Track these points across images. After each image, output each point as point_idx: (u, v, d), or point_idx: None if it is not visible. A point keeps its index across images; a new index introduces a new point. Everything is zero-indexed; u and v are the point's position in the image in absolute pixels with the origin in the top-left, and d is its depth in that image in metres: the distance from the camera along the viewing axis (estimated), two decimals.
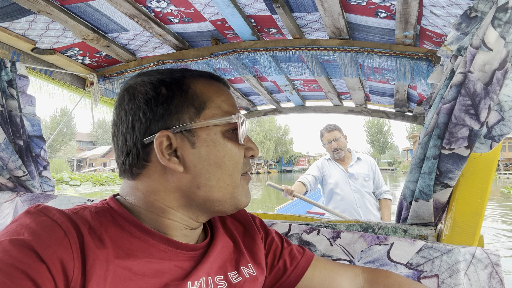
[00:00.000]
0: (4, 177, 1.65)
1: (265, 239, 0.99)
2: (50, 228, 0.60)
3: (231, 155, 0.77)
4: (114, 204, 0.75)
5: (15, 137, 1.67)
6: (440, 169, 1.08)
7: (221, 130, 0.77)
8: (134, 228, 0.72)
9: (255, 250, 0.93)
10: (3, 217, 1.55)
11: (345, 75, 1.97)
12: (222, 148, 0.76)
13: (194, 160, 0.74)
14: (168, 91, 0.76)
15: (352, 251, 1.13)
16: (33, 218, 0.61)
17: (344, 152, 3.54)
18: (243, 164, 0.80)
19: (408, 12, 1.43)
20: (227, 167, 0.76)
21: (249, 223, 0.98)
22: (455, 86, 1.02)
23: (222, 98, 0.80)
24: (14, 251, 0.54)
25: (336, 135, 3.55)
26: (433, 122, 1.10)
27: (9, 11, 1.57)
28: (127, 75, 2.24)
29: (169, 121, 0.74)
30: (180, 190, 0.75)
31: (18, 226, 0.59)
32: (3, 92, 1.64)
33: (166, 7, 1.66)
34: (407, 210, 1.23)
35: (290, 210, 5.92)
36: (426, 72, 1.68)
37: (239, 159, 0.79)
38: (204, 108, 0.77)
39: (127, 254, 0.67)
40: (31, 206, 0.65)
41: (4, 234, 0.58)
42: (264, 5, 1.64)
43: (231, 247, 0.89)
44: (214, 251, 0.82)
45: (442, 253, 1.04)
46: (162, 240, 0.73)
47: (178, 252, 0.74)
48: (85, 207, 0.71)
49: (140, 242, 0.70)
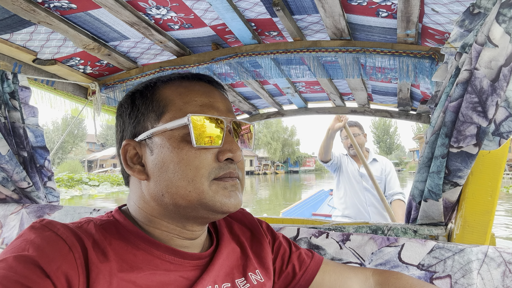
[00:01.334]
0: (9, 189, 1.65)
1: (273, 244, 0.97)
2: (54, 243, 0.60)
3: (187, 160, 0.71)
4: (119, 216, 0.75)
5: (19, 149, 1.67)
6: (449, 168, 1.07)
7: (179, 134, 0.72)
8: (138, 240, 0.71)
9: (263, 255, 0.91)
10: (9, 229, 1.54)
11: (347, 76, 1.96)
12: (177, 153, 0.71)
13: (153, 167, 0.73)
14: (137, 100, 0.78)
15: (362, 253, 1.12)
16: (37, 233, 0.61)
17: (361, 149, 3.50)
18: (214, 169, 0.72)
19: (409, 11, 1.42)
20: (185, 173, 0.70)
21: (256, 228, 0.97)
22: (461, 83, 1.01)
23: (186, 99, 0.75)
24: (19, 267, 0.54)
25: (355, 131, 3.52)
26: (440, 121, 1.09)
27: (9, 23, 1.57)
28: (129, 83, 2.24)
29: (135, 129, 0.76)
30: (152, 199, 0.73)
31: (22, 242, 0.59)
32: (6, 104, 1.64)
33: (166, 14, 1.66)
34: (417, 210, 1.21)
35: (295, 213, 5.90)
36: (429, 70, 1.66)
37: (201, 163, 0.71)
38: (163, 113, 0.74)
39: (131, 267, 0.66)
40: (36, 221, 0.64)
41: (9, 250, 0.58)
42: (264, 9, 1.63)
43: (238, 252, 0.87)
44: (220, 258, 0.80)
45: (454, 253, 1.03)
46: (168, 250, 0.72)
47: (184, 262, 0.73)
48: (90, 220, 0.71)
49: (145, 254, 0.70)
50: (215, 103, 0.78)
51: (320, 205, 7.21)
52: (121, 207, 0.82)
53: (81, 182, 26.68)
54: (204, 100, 0.77)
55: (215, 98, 0.79)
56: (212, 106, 0.77)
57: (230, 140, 0.75)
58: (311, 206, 6.75)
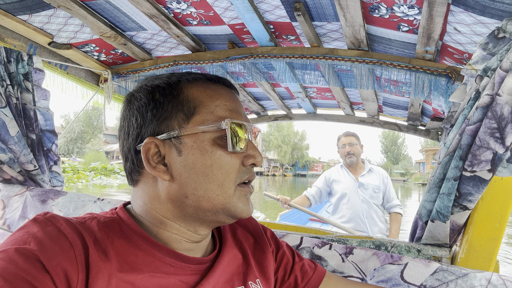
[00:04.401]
0: (15, 170, 1.64)
1: (276, 253, 0.95)
2: (56, 238, 0.59)
3: (220, 164, 0.71)
4: (123, 214, 0.74)
5: (28, 131, 1.66)
6: (460, 191, 1.06)
7: (211, 137, 0.72)
8: (141, 240, 0.70)
9: (265, 264, 0.89)
10: (12, 210, 1.54)
11: (361, 87, 1.95)
12: (209, 157, 0.71)
13: (180, 169, 0.71)
14: (161, 97, 0.75)
15: (364, 268, 1.11)
16: (40, 227, 0.60)
17: (356, 159, 3.50)
18: (240, 173, 0.74)
19: (431, 28, 1.41)
20: (216, 176, 0.71)
21: (260, 235, 0.95)
22: (482, 108, 1.00)
23: (216, 103, 0.75)
24: (19, 260, 0.54)
25: (352, 141, 3.53)
26: (455, 143, 1.08)
27: (29, 4, 1.57)
28: (141, 74, 2.23)
29: (158, 127, 0.73)
30: (170, 200, 0.72)
31: (25, 234, 0.59)
32: (19, 85, 1.64)
33: (186, 9, 1.65)
34: (422, 230, 1.20)
35: (293, 216, 5.89)
36: (445, 88, 1.65)
37: (232, 168, 0.72)
38: (194, 114, 0.73)
39: (131, 268, 0.65)
40: (39, 213, 0.64)
41: (10, 241, 0.58)
42: (284, 12, 1.62)
43: (240, 259, 0.86)
44: (221, 264, 0.78)
45: (457, 277, 1.02)
46: (169, 253, 0.71)
47: (184, 265, 0.72)
48: (94, 217, 0.70)
49: (146, 255, 0.69)
50: (239, 108, 0.79)
51: (317, 211, 7.19)
52: (126, 204, 0.81)
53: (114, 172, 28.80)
54: (232, 105, 0.77)
55: (238, 104, 0.80)
56: (238, 111, 0.77)
57: (252, 146, 0.77)
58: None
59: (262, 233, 0.95)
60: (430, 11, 1.30)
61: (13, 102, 1.59)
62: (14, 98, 1.60)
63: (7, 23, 1.67)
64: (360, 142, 3.58)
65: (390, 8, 1.42)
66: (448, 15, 1.32)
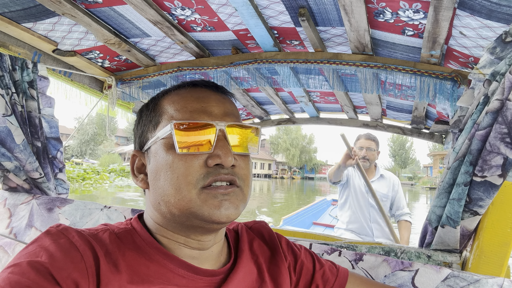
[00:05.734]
0: (21, 178, 1.64)
1: (294, 265, 0.92)
2: (67, 250, 0.61)
3: (173, 167, 0.69)
4: (137, 225, 0.75)
5: (33, 138, 1.66)
6: (470, 196, 1.05)
7: (164, 142, 0.72)
8: (153, 251, 0.70)
9: (280, 281, 0.85)
10: (19, 219, 1.54)
11: (366, 91, 1.95)
12: (163, 161, 0.71)
13: (150, 176, 0.74)
14: (143, 112, 0.81)
15: (375, 275, 1.10)
16: (52, 240, 0.62)
17: (369, 165, 3.43)
18: (203, 175, 0.69)
19: (437, 32, 1.41)
20: (172, 180, 0.69)
21: (276, 247, 0.92)
22: (491, 113, 1.00)
23: (177, 107, 0.75)
24: (31, 273, 0.55)
25: (371, 145, 3.45)
26: (464, 148, 1.07)
27: (34, 12, 1.57)
28: (145, 80, 2.23)
29: (140, 140, 0.79)
30: (154, 207, 0.74)
31: (37, 248, 0.60)
32: (24, 93, 1.64)
33: (190, 15, 1.65)
34: (432, 235, 1.20)
35: (296, 220, 5.87)
36: (450, 92, 1.65)
37: (187, 170, 0.69)
38: (159, 122, 0.75)
39: (142, 280, 0.65)
40: (52, 225, 0.65)
41: (24, 255, 0.59)
42: (289, 18, 1.62)
43: (255, 274, 0.82)
44: (235, 278, 0.76)
45: (469, 283, 1.01)
46: (182, 265, 0.70)
47: (197, 278, 0.71)
48: (107, 229, 0.71)
49: (158, 266, 0.68)
50: (209, 107, 0.75)
51: (321, 215, 7.18)
52: (142, 214, 0.81)
53: None
54: (195, 106, 0.75)
55: (209, 103, 0.76)
56: (204, 111, 0.74)
57: (222, 144, 0.71)
58: (312, 215, 6.72)
59: (278, 245, 0.92)
60: (436, 16, 1.29)
61: (18, 110, 1.59)
62: (19, 106, 1.60)
63: (11, 31, 1.68)
64: (378, 148, 3.50)
65: (395, 12, 1.42)
66: (454, 19, 1.32)
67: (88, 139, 55.02)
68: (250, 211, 13.96)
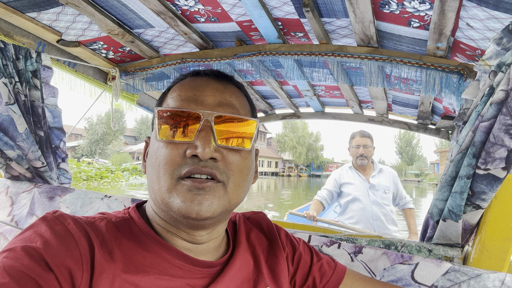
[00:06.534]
0: (23, 167, 1.65)
1: (292, 256, 0.91)
2: (63, 237, 0.60)
3: (156, 154, 0.69)
4: (134, 214, 0.74)
5: (36, 128, 1.67)
6: (473, 189, 1.03)
7: (155, 129, 0.72)
8: (150, 241, 0.70)
9: (277, 271, 0.84)
10: (20, 207, 1.54)
11: (371, 84, 1.92)
12: (151, 148, 0.72)
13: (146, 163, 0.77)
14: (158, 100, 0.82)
15: (374, 268, 1.09)
16: (48, 226, 0.61)
17: (367, 162, 3.45)
18: (181, 165, 0.67)
19: (443, 24, 1.38)
20: (154, 168, 0.69)
21: (274, 237, 0.90)
22: (496, 104, 0.97)
23: (173, 95, 0.75)
24: (25, 258, 0.55)
25: (367, 142, 3.48)
26: (468, 140, 1.05)
27: (38, 1, 1.57)
28: (149, 72, 2.23)
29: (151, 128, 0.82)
30: (148, 194, 0.75)
31: (32, 233, 0.60)
32: (27, 82, 1.64)
33: (194, 6, 1.64)
34: (433, 229, 1.18)
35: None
36: (456, 86, 1.62)
37: (167, 159, 0.67)
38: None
39: (137, 270, 0.65)
40: (49, 212, 0.65)
41: (19, 240, 0.59)
42: (293, 8, 1.61)
43: (252, 265, 0.82)
44: (232, 269, 0.75)
45: (469, 278, 0.99)
46: (178, 255, 0.69)
47: (193, 268, 0.70)
48: (104, 217, 0.71)
49: (154, 256, 0.68)
50: (201, 96, 0.73)
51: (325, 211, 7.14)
52: (140, 204, 0.81)
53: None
54: (188, 94, 0.73)
55: (203, 92, 0.74)
56: (195, 100, 0.72)
57: (203, 135, 0.67)
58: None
59: (276, 236, 0.91)
60: (442, 6, 1.27)
61: (22, 99, 1.60)
62: (23, 95, 1.61)
63: (16, 20, 1.68)
64: (373, 144, 3.53)
65: (400, 3, 1.39)
66: (460, 10, 1.29)
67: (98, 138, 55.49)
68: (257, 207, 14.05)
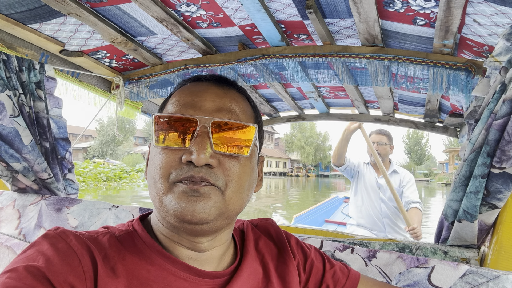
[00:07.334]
0: (30, 179, 1.64)
1: (304, 264, 0.89)
2: (65, 254, 0.60)
3: (153, 160, 0.70)
4: (138, 227, 0.73)
5: (42, 139, 1.66)
6: (488, 189, 1.01)
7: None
8: (154, 254, 0.68)
9: (288, 279, 0.82)
10: (28, 220, 1.54)
11: (377, 84, 1.90)
12: (150, 154, 0.73)
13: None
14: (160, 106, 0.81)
15: (389, 272, 1.06)
16: (50, 244, 0.61)
17: (382, 159, 3.41)
18: (177, 171, 0.66)
19: (449, 20, 1.36)
20: (150, 173, 0.70)
21: (284, 245, 0.88)
22: (509, 101, 0.95)
23: (172, 101, 0.75)
24: (28, 278, 0.55)
25: (382, 140, 3.44)
26: (481, 138, 1.03)
27: (39, 12, 1.57)
28: (152, 79, 2.22)
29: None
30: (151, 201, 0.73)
31: (35, 252, 0.60)
32: (31, 94, 1.64)
33: (196, 12, 1.63)
34: (448, 231, 1.15)
35: (308, 218, 5.82)
36: (464, 83, 1.59)
37: (162, 163, 0.67)
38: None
39: (141, 284, 0.64)
40: (51, 228, 0.65)
41: (21, 259, 0.59)
42: (296, 11, 1.59)
43: (260, 274, 0.79)
44: (239, 279, 0.73)
45: (488, 279, 0.97)
46: (184, 267, 0.68)
47: (199, 280, 0.68)
48: (107, 232, 0.70)
49: (159, 270, 0.66)
50: (199, 102, 0.72)
51: (333, 212, 7.12)
52: (145, 215, 0.80)
53: None
54: (186, 99, 0.73)
55: (202, 97, 0.73)
56: (193, 105, 0.71)
57: (199, 141, 0.66)
58: (324, 213, 6.67)
59: (286, 244, 0.89)
60: (448, 3, 1.25)
61: (26, 111, 1.59)
62: (27, 106, 1.60)
63: (18, 32, 1.68)
64: (391, 143, 3.48)
65: (405, 1, 1.37)
66: (467, 6, 1.27)
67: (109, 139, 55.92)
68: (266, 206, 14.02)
